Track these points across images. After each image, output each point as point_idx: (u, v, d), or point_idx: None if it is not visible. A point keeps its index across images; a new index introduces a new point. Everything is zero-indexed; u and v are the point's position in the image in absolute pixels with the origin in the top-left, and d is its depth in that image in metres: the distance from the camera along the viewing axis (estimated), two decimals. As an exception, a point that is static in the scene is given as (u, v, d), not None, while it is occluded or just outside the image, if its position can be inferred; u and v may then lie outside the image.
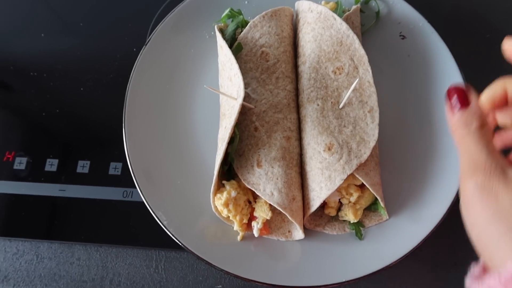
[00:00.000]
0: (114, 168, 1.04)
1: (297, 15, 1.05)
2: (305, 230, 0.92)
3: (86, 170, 1.04)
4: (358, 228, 0.90)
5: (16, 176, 1.05)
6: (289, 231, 0.91)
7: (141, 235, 0.98)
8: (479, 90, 1.05)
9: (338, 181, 0.84)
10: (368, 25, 1.07)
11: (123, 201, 1.01)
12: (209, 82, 1.03)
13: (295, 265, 0.89)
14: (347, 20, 0.98)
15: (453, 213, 0.93)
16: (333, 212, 0.91)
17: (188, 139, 1.00)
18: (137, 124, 0.98)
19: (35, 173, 1.05)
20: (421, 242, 0.87)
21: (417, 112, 1.00)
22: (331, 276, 0.86)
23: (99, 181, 1.03)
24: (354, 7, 1.02)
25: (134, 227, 0.99)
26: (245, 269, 0.87)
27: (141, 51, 1.03)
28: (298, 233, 0.89)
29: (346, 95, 0.88)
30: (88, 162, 1.05)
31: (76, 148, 1.07)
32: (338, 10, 1.03)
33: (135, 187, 0.92)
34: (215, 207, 0.89)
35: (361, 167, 0.87)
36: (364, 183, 0.86)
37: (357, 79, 0.85)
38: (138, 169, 0.93)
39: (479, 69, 1.10)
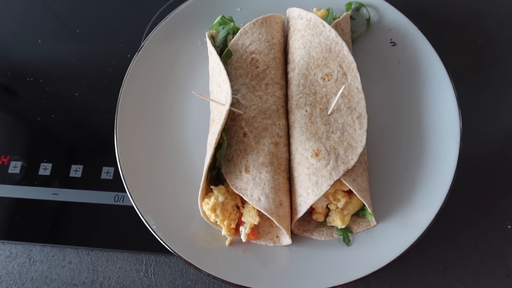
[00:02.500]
0: (106, 173, 1.05)
1: (288, 22, 1.06)
2: (294, 235, 0.92)
3: (79, 175, 1.06)
4: (346, 234, 0.91)
5: (11, 180, 1.06)
6: (277, 237, 0.92)
7: (132, 239, 0.99)
8: (471, 95, 1.07)
9: (324, 187, 0.85)
10: (359, 32, 1.08)
11: (115, 206, 1.02)
12: (201, 88, 1.04)
13: (283, 271, 0.89)
14: (336, 27, 0.99)
15: (442, 219, 0.94)
16: (321, 218, 0.91)
17: (179, 145, 1.01)
18: (128, 129, 0.99)
19: (29, 177, 1.06)
20: (408, 248, 0.87)
21: (407, 118, 1.00)
22: (318, 282, 0.86)
23: (91, 185, 1.05)
24: (344, 14, 1.03)
25: (124, 231, 1.00)
26: (232, 274, 0.87)
27: (134, 57, 1.04)
28: (286, 239, 0.89)
29: (334, 101, 0.89)
30: (81, 167, 1.07)
31: (70, 152, 1.09)
32: (329, 17, 1.04)
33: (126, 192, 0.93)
34: (203, 212, 0.90)
35: (348, 173, 0.87)
36: (351, 189, 0.86)
37: (344, 85, 0.86)
38: (128, 174, 0.94)
39: (471, 75, 1.11)
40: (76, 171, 1.06)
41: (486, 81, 1.11)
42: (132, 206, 0.92)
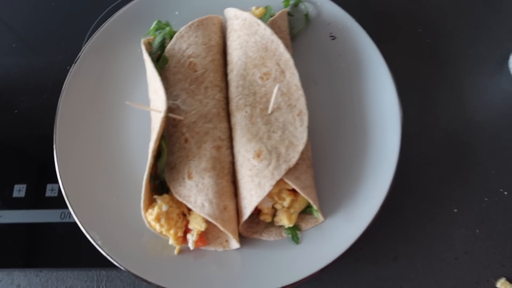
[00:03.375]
0: (51, 190, 1.03)
1: (226, 23, 1.05)
2: (244, 238, 0.91)
3: (22, 194, 1.03)
4: (295, 232, 0.90)
5: (-50, 205, 1.02)
6: (226, 241, 0.91)
7: (81, 256, 0.97)
8: (413, 84, 1.08)
9: (267, 187, 0.84)
10: (299, 27, 1.07)
11: (61, 223, 1.00)
12: (141, 96, 1.02)
13: (234, 275, 0.89)
14: (272, 25, 0.98)
15: (390, 208, 0.95)
16: (268, 218, 0.91)
17: (123, 156, 0.99)
18: (68, 144, 0.96)
19: (-31, 201, 1.02)
20: (356, 241, 0.87)
21: (349, 112, 1.00)
22: (269, 283, 0.86)
23: (36, 204, 1.02)
24: (280, 11, 1.03)
25: (73, 248, 0.98)
26: (183, 283, 0.86)
27: (70, 70, 1.01)
28: (234, 243, 0.89)
29: (272, 100, 0.88)
30: (24, 186, 1.03)
31: (12, 172, 1.06)
32: (267, 15, 1.03)
33: (71, 208, 0.91)
34: (148, 222, 0.88)
35: (291, 171, 0.86)
36: (294, 187, 0.86)
37: (278, 85, 0.85)
38: (70, 190, 0.92)
39: (412, 63, 1.13)
40: (19, 190, 1.03)
41: (427, 68, 1.12)
42: (79, 222, 0.90)
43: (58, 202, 1.01)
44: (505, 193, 1.00)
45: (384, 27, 1.15)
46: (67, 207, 0.98)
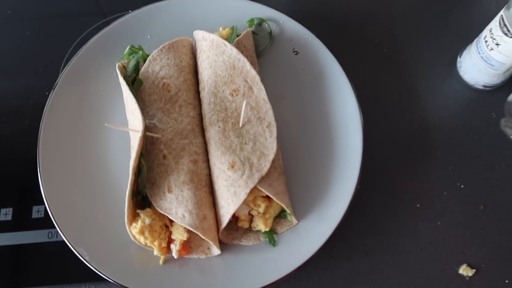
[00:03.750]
0: (37, 211, 1.07)
1: (195, 44, 1.12)
2: (225, 244, 0.98)
3: (9, 217, 1.07)
4: (271, 236, 0.97)
5: None
6: (208, 248, 0.97)
7: (70, 272, 1.02)
8: (373, 90, 1.16)
9: (242, 195, 0.91)
10: (264, 45, 1.15)
11: (49, 242, 1.04)
12: (120, 117, 1.08)
13: (218, 279, 0.95)
14: (238, 44, 1.06)
15: (360, 207, 1.03)
16: (246, 225, 0.97)
17: (106, 175, 1.04)
18: (52, 166, 1.01)
19: (-43, 228, 1.06)
20: (328, 239, 0.95)
21: (316, 120, 1.07)
22: (250, 284, 0.92)
23: (23, 226, 1.06)
24: (245, 31, 1.10)
25: (62, 265, 1.02)
26: (170, 291, 0.92)
27: (49, 95, 1.06)
28: (215, 249, 0.95)
29: (242, 115, 0.95)
30: (11, 209, 1.07)
31: (-3, 197, 1.10)
32: (233, 35, 1.10)
33: (58, 228, 0.95)
34: (133, 236, 0.94)
35: (263, 179, 0.93)
36: (268, 193, 0.93)
37: (245, 100, 0.93)
38: (56, 210, 0.97)
39: (371, 72, 1.22)
40: (6, 214, 1.07)
41: (385, 75, 1.21)
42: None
43: (45, 223, 1.05)
44: (462, 186, 1.09)
45: (343, 40, 1.24)
46: (54, 227, 1.02)
